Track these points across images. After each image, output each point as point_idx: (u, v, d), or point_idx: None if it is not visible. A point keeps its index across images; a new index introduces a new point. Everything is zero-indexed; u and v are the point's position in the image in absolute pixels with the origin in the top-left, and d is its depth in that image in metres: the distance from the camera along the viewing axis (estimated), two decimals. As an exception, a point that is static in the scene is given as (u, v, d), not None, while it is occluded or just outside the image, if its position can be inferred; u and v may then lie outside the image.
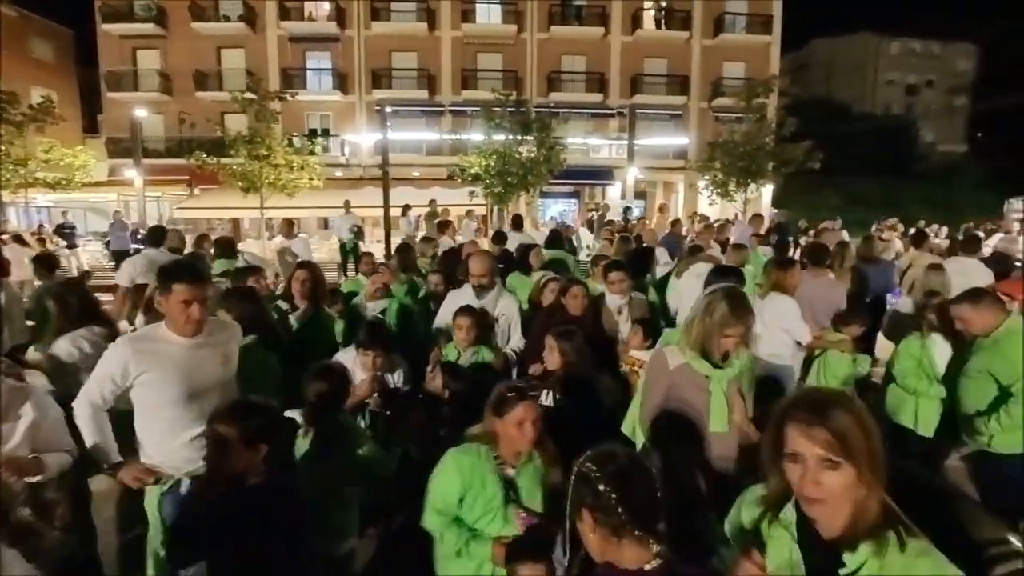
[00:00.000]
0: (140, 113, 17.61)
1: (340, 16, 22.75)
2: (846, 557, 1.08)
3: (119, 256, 12.30)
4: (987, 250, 7.92)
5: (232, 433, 1.82)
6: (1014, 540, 1.44)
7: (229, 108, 15.23)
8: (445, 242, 7.94)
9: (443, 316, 3.83)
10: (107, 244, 14.33)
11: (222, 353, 2.49)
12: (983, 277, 5.21)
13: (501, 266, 5.38)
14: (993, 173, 33.89)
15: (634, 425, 2.73)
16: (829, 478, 1.06)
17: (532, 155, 14.30)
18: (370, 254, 5.97)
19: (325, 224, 20.59)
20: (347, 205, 12.52)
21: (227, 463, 1.83)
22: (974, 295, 3.09)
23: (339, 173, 21.54)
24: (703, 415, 2.33)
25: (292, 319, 3.65)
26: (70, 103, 26.26)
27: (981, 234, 10.01)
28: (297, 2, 22.86)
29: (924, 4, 75.70)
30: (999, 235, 12.25)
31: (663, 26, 24.15)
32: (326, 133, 23.24)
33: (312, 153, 15.05)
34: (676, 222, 9.83)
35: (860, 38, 44.44)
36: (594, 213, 17.20)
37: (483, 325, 3.49)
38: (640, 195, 24.60)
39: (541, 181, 14.59)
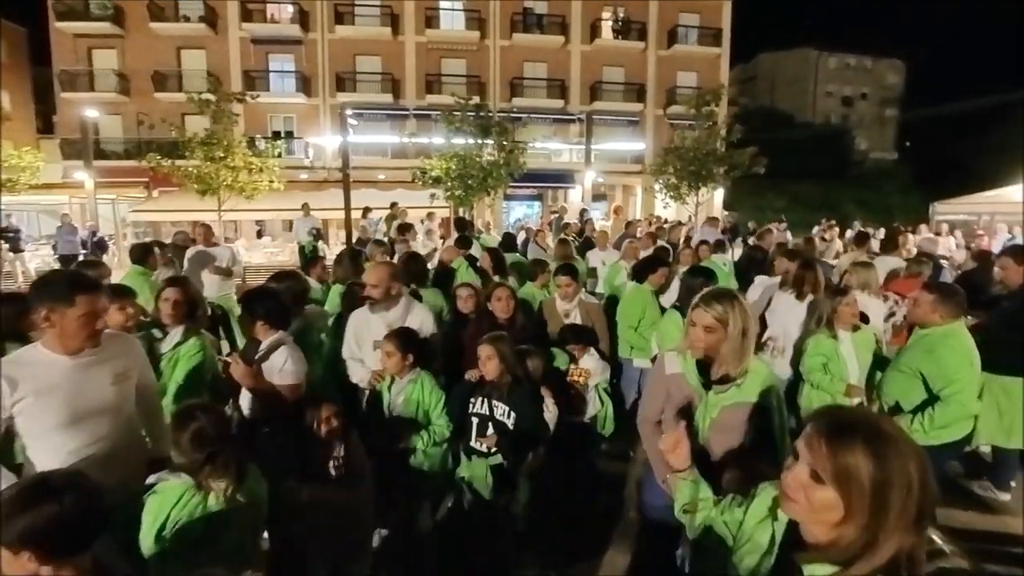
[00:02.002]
0: (93, 113, 16.56)
1: (303, 19, 21.97)
2: (806, 567, 1.04)
3: (67, 261, 11.44)
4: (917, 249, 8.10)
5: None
6: (936, 539, 1.35)
7: (189, 109, 14.41)
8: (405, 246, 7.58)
9: (348, 343, 3.23)
10: (55, 248, 13.35)
11: (113, 370, 2.14)
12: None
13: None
14: (919, 178, 35.46)
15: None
16: (808, 488, 1.00)
17: (493, 158, 14.04)
18: (323, 259, 5.59)
19: (290, 227, 19.86)
20: (306, 208, 11.94)
21: None
22: (943, 290, 2.97)
23: (303, 176, 20.80)
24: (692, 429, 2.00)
25: (164, 347, 2.89)
26: (23, 103, 24.67)
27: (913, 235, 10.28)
28: (259, 4, 21.97)
29: (857, 22, 78.98)
30: (923, 236, 12.58)
31: (620, 36, 24.25)
32: (290, 136, 22.42)
33: (279, 155, 14.36)
34: (630, 224, 9.72)
35: (801, 53, 45.97)
36: (555, 215, 17.07)
37: (416, 345, 2.88)
38: (600, 198, 24.68)
39: (502, 184, 14.34)
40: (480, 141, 14.02)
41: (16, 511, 1.26)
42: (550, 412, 2.98)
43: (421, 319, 3.27)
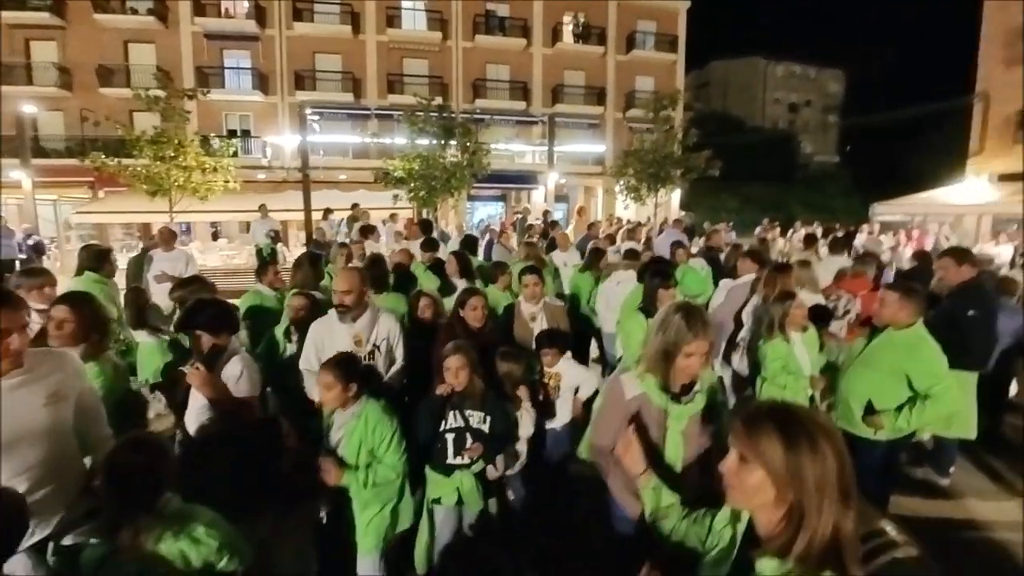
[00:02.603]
0: (31, 109, 15.48)
1: (260, 15, 21.17)
2: (764, 564, 1.09)
3: (2, 267, 10.61)
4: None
5: None
6: (889, 530, 1.36)
7: (138, 106, 13.58)
8: (370, 245, 7.36)
9: (307, 356, 2.99)
10: (-11, 251, 12.37)
11: (45, 390, 1.94)
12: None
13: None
14: (859, 181, 37.34)
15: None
16: (740, 471, 1.11)
17: (456, 160, 13.90)
18: (276, 264, 5.25)
19: (247, 228, 19.12)
20: (263, 209, 11.47)
21: None
22: (906, 289, 2.97)
23: (261, 176, 20.09)
24: (656, 451, 1.95)
25: None
26: (-48, 96, 22.81)
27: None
28: (213, -1, 21.04)
29: (801, 32, 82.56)
30: (864, 235, 13.18)
31: (581, 41, 24.47)
32: (246, 134, 21.57)
33: (235, 155, 13.69)
34: (592, 225, 9.79)
35: (751, 61, 47.73)
36: (519, 216, 17.08)
37: (358, 371, 2.50)
38: (562, 199, 24.87)
39: (465, 185, 14.21)
40: (443, 142, 13.85)
41: None
42: (529, 414, 2.93)
43: (388, 328, 3.12)
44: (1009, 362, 4.51)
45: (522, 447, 2.92)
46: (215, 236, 19.90)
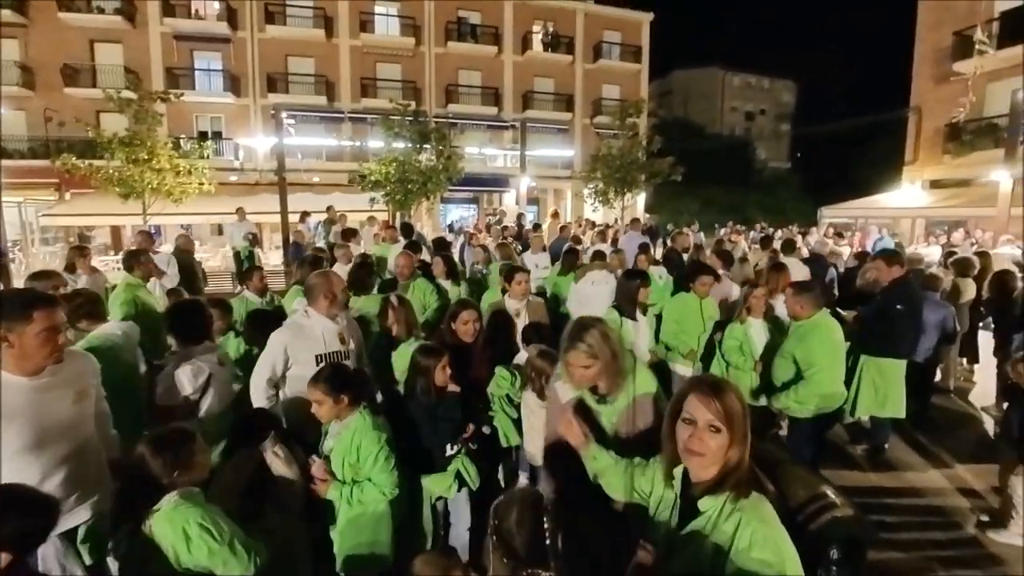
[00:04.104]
0: (-8, 108, 14.76)
1: (231, 16, 20.68)
2: (704, 501, 1.30)
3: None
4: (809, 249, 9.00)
5: None
6: (829, 493, 1.54)
7: (105, 107, 13.07)
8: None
9: (273, 366, 2.75)
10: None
11: (75, 389, 2.04)
12: (801, 273, 5.91)
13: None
14: (808, 185, 38.92)
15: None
16: (711, 439, 1.28)
17: (431, 163, 13.94)
18: (260, 269, 5.21)
19: (219, 230, 18.68)
20: (240, 212, 11.31)
21: None
22: (799, 287, 3.49)
23: (233, 178, 19.62)
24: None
25: None
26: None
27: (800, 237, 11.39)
28: (183, 0, 20.42)
29: (757, 45, 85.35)
30: (816, 237, 13.91)
31: (550, 49, 24.80)
32: (218, 136, 21.01)
33: (203, 157, 13.34)
34: (564, 227, 10.05)
35: (711, 72, 49.16)
36: (492, 218, 17.23)
37: (349, 381, 2.35)
38: (533, 202, 25.14)
39: (440, 188, 14.27)
40: (418, 146, 13.88)
41: None
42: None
43: (356, 330, 3.13)
44: (935, 350, 4.98)
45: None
46: (187, 238, 19.33)
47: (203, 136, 19.90)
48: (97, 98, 13.72)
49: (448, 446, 2.59)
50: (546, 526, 1.24)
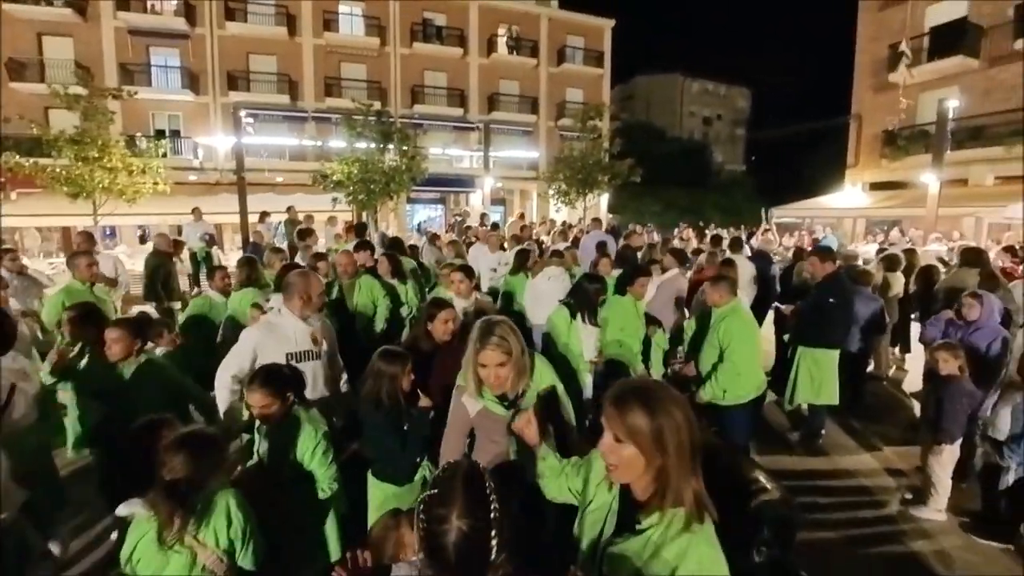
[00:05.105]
0: (-74, 102, 13.70)
1: (189, 12, 19.85)
2: (642, 517, 1.20)
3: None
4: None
5: None
6: (761, 478, 1.60)
7: (54, 103, 12.32)
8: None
9: (239, 364, 2.69)
10: None
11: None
12: (748, 269, 6.10)
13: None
14: (761, 187, 40.26)
15: None
16: (617, 450, 1.19)
17: (395, 163, 13.74)
18: (224, 268, 5.06)
19: (179, 231, 17.89)
20: (197, 212, 10.87)
21: None
22: (715, 278, 3.71)
23: (192, 177, 18.88)
24: (511, 454, 2.09)
25: None
26: None
27: (743, 236, 11.88)
28: (138, -6, 19.48)
29: (712, 50, 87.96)
30: (758, 236, 14.36)
31: (514, 52, 24.84)
32: (176, 135, 20.15)
33: (158, 155, 12.73)
34: (524, 228, 10.08)
35: (671, 77, 50.28)
36: (458, 218, 17.12)
37: (290, 379, 2.30)
38: (499, 202, 25.14)
39: (403, 188, 14.06)
40: (382, 146, 13.65)
41: None
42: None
43: (330, 330, 3.10)
44: (867, 341, 5.22)
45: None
46: (143, 240, 18.48)
47: (160, 134, 19.06)
48: (45, 94, 12.92)
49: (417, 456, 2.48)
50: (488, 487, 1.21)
